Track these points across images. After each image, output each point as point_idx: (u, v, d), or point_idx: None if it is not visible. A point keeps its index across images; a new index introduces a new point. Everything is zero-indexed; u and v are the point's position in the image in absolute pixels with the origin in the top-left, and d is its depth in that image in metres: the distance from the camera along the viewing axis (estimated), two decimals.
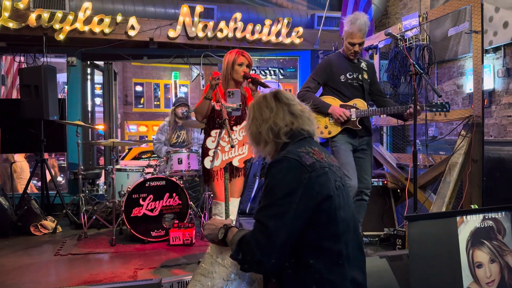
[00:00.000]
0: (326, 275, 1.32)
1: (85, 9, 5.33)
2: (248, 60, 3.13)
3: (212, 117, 3.15)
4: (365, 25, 3.20)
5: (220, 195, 3.16)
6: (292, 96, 1.56)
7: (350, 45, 3.24)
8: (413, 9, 6.08)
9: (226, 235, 1.49)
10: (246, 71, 3.09)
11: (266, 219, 1.33)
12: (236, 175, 3.22)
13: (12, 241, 4.25)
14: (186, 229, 3.97)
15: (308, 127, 1.51)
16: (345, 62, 3.33)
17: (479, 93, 3.40)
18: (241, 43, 6.00)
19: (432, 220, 2.05)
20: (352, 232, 1.42)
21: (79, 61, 6.03)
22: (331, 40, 6.04)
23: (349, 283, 1.35)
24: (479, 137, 3.39)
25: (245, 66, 3.11)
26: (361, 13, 3.31)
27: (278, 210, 1.32)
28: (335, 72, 3.31)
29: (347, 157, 3.23)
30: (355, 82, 3.32)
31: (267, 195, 1.37)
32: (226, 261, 1.66)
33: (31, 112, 4.91)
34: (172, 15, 5.83)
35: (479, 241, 2.05)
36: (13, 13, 5.14)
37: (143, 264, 3.41)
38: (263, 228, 1.32)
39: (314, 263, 1.33)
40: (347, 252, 1.37)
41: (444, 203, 3.36)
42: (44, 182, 5.25)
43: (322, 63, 3.44)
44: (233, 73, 3.11)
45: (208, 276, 1.66)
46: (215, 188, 3.17)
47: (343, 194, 1.42)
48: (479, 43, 3.38)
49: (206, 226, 1.63)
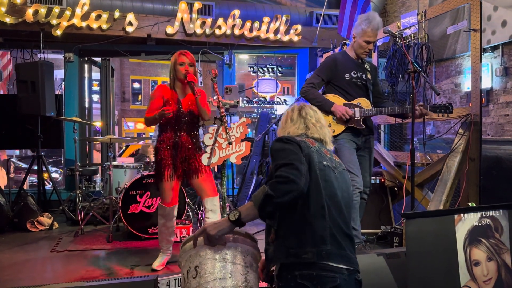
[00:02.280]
0: (309, 219, 1.61)
1: (82, 5, 5.30)
2: (189, 60, 3.11)
3: (167, 121, 3.15)
4: (381, 24, 3.25)
5: (168, 198, 3.16)
6: (312, 112, 1.91)
7: (365, 43, 3.24)
8: (411, 7, 6.08)
9: (240, 213, 1.56)
10: (187, 70, 3.06)
11: (284, 164, 1.59)
12: (199, 175, 3.16)
13: (8, 237, 4.24)
14: (183, 226, 3.96)
15: (317, 134, 1.86)
16: (350, 61, 3.34)
17: (477, 91, 3.40)
18: (239, 40, 5.98)
19: (430, 218, 2.05)
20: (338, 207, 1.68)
21: (76, 57, 6.00)
22: (329, 38, 6.03)
23: (329, 235, 1.60)
24: (477, 135, 3.40)
25: (187, 65, 3.08)
26: (374, 12, 3.35)
27: (291, 157, 1.62)
28: (340, 70, 3.30)
29: (351, 155, 3.24)
30: (359, 81, 3.33)
31: (276, 159, 1.65)
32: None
33: (27, 108, 4.88)
34: (170, 11, 5.80)
35: (477, 239, 2.05)
36: (10, 8, 5.11)
37: (139, 261, 3.40)
38: (288, 164, 1.58)
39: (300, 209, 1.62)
40: (330, 213, 1.63)
41: (442, 201, 3.36)
42: (40, 178, 5.23)
43: (327, 60, 3.43)
44: (176, 73, 3.10)
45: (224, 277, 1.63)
46: (164, 189, 3.14)
47: (328, 173, 1.70)
48: (477, 42, 3.38)
49: (210, 227, 1.60)
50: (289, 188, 1.53)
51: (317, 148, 1.75)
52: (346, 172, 1.83)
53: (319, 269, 1.57)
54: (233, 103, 4.22)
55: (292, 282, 1.58)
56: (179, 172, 3.13)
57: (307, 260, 1.57)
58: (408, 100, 4.45)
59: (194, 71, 3.14)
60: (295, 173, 1.55)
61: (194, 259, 1.65)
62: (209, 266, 1.62)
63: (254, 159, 5.84)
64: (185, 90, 3.18)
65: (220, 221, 1.62)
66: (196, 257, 1.66)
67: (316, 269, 1.57)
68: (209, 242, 1.61)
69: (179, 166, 3.12)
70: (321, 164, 1.68)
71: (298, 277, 1.57)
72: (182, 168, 3.13)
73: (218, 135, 2.87)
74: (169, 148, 3.12)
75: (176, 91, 3.15)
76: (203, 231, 1.61)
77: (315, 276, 1.56)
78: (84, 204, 4.71)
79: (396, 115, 3.45)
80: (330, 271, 1.57)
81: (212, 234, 1.59)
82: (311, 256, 1.57)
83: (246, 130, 2.97)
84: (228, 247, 1.66)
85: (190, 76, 3.04)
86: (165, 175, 3.10)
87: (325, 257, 1.58)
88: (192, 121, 3.19)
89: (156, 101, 3.12)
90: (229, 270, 1.63)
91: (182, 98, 3.17)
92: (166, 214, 3.20)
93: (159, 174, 3.14)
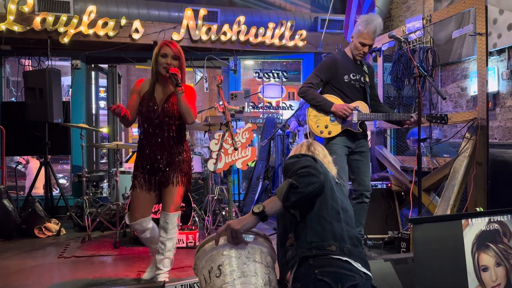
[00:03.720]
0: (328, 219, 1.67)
1: (89, 13, 5.36)
2: (174, 52, 2.66)
3: (139, 119, 2.76)
4: (380, 27, 3.17)
5: (135, 212, 2.76)
6: (320, 149, 1.99)
7: (360, 45, 3.16)
8: (416, 11, 6.07)
9: (264, 207, 1.57)
10: (169, 63, 2.65)
11: (304, 164, 1.63)
12: (168, 185, 2.75)
13: (16, 244, 4.27)
14: (189, 232, 3.96)
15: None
16: (349, 63, 3.28)
17: (484, 95, 3.38)
18: (244, 46, 6.01)
19: (437, 223, 2.04)
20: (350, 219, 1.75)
21: (83, 64, 6.06)
22: (334, 42, 6.04)
23: (347, 236, 1.66)
24: (484, 139, 3.37)
25: (170, 58, 2.66)
26: (376, 15, 3.25)
27: (308, 163, 1.64)
28: (339, 71, 3.23)
29: (342, 161, 3.16)
30: (357, 84, 3.26)
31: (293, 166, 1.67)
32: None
33: (35, 115, 4.93)
34: (176, 18, 5.85)
35: (485, 244, 2.03)
36: (18, 16, 5.18)
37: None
38: (306, 166, 1.62)
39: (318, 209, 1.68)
40: (345, 220, 1.71)
41: (449, 206, 3.33)
42: (48, 184, 5.27)
43: (326, 60, 3.34)
44: (157, 66, 2.68)
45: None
46: (133, 198, 2.78)
47: (340, 189, 1.81)
48: (483, 45, 3.37)
49: (234, 223, 1.60)
50: (311, 180, 1.58)
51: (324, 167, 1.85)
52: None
53: (340, 267, 1.58)
54: (238, 109, 4.24)
55: (311, 280, 1.57)
56: (152, 183, 2.75)
57: (331, 252, 1.59)
58: (414, 105, 4.44)
59: (179, 65, 2.69)
60: (314, 171, 1.61)
61: (217, 258, 1.63)
62: (233, 264, 1.60)
63: (260, 164, 5.84)
64: (166, 86, 2.75)
65: (243, 217, 1.62)
66: (218, 256, 1.63)
67: (336, 266, 1.58)
68: (232, 239, 1.59)
69: (153, 176, 2.75)
70: (334, 179, 1.80)
71: (318, 273, 1.56)
72: (156, 178, 2.75)
73: (224, 141, 2.88)
74: (143, 156, 2.76)
75: (156, 87, 2.74)
76: (227, 228, 1.59)
77: (335, 273, 1.56)
78: (91, 210, 4.73)
79: (392, 121, 3.42)
80: (350, 270, 1.58)
81: (236, 228, 1.57)
82: (334, 249, 1.60)
83: (251, 136, 2.98)
84: (251, 246, 1.64)
85: (173, 68, 2.62)
86: (135, 185, 2.74)
87: (347, 253, 1.61)
88: (169, 122, 2.72)
89: (132, 99, 2.76)
90: (253, 269, 1.60)
91: (163, 95, 2.74)
92: (141, 229, 2.79)
93: (132, 183, 2.79)
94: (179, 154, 2.79)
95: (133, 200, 2.80)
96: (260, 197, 5.62)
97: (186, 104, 2.64)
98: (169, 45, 2.67)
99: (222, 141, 2.91)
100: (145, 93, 2.72)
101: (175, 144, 2.77)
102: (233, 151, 2.89)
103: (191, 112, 2.67)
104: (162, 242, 2.76)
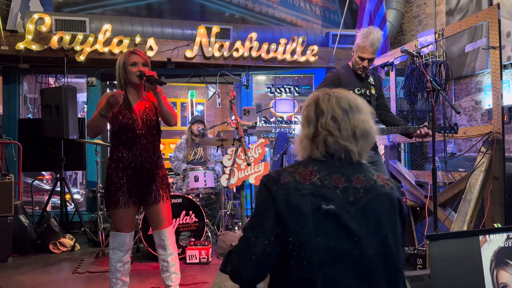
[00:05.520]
0: None
1: (105, 31, 5.48)
2: (142, 58, 2.62)
3: (117, 131, 2.60)
4: (378, 40, 3.08)
5: (122, 226, 2.60)
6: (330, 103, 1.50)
7: (359, 59, 3.11)
8: (428, 25, 6.07)
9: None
10: (142, 70, 2.58)
11: (246, 230, 1.34)
12: (155, 203, 2.65)
13: (31, 259, 4.31)
14: (202, 247, 3.96)
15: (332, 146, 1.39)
16: (353, 77, 3.21)
17: (499, 109, 3.35)
18: (256, 61, 6.07)
19: (454, 239, 2.00)
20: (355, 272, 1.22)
21: (98, 81, 6.17)
22: (346, 57, 6.06)
23: None
24: (500, 154, 3.32)
25: (140, 65, 2.59)
26: (376, 28, 3.19)
27: (255, 222, 1.32)
28: (343, 87, 3.17)
29: None
30: (363, 97, 3.23)
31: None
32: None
33: (51, 132, 5.02)
34: (189, 36, 5.94)
35: (504, 261, 1.99)
36: (36, 35, 5.33)
37: (159, 282, 3.39)
38: (243, 238, 1.34)
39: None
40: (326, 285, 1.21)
41: (465, 222, 3.27)
42: (63, 200, 5.33)
43: (330, 76, 3.30)
44: (128, 76, 2.59)
45: None
46: (117, 216, 2.60)
47: (330, 222, 1.24)
48: (497, 59, 3.35)
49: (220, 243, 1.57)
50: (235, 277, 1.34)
51: (318, 183, 1.28)
52: (383, 197, 1.30)
53: None
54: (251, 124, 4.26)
55: None
56: (135, 198, 2.61)
57: None
58: (428, 118, 4.40)
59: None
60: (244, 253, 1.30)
61: None
62: None
63: None
64: (138, 96, 2.65)
65: (226, 245, 1.55)
66: None
67: None
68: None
69: (134, 190, 2.61)
70: (314, 219, 1.23)
71: None
72: (139, 192, 2.62)
73: (237, 156, 2.89)
74: (122, 169, 2.59)
75: (130, 97, 2.61)
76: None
77: None
78: (105, 225, 4.76)
79: (401, 134, 3.36)
80: None
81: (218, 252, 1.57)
82: None
83: (264, 151, 2.98)
84: None
85: (149, 71, 2.57)
86: (119, 202, 2.56)
87: None
88: (149, 133, 2.63)
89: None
90: None
91: (139, 106, 2.62)
92: (121, 243, 2.60)
93: (109, 199, 2.59)
94: (161, 167, 2.72)
95: (121, 219, 2.60)
96: None
97: (168, 105, 2.60)
98: (136, 53, 2.62)
99: (235, 156, 2.92)
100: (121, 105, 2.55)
101: (158, 157, 2.70)
102: (246, 166, 2.89)
103: (172, 113, 2.62)
104: (163, 260, 2.73)
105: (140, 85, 2.62)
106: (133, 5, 6.45)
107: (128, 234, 2.63)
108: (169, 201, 2.74)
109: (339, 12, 7.23)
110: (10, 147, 5.66)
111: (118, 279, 2.62)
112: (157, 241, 2.70)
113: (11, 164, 5.54)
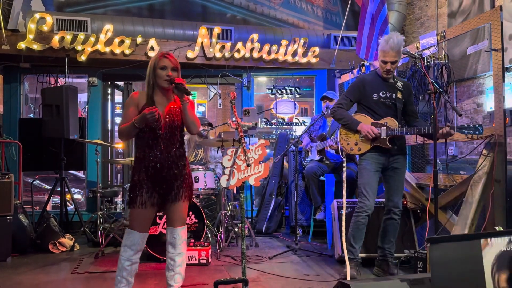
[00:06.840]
0: None
1: (106, 31, 5.48)
2: (173, 63, 2.66)
3: (141, 131, 2.67)
4: (398, 44, 3.26)
5: (137, 225, 2.65)
6: None
7: (382, 63, 3.33)
8: (430, 28, 6.06)
9: None
10: (171, 75, 2.65)
11: None
12: (176, 201, 2.71)
13: (30, 258, 4.30)
14: (202, 248, 3.94)
15: None
16: (379, 81, 3.42)
17: (501, 111, 3.33)
18: (257, 63, 6.06)
19: (455, 242, 1.99)
20: None
21: (99, 81, 6.17)
22: (347, 59, 6.05)
23: None
24: (502, 156, 3.31)
25: (169, 70, 2.65)
26: (396, 33, 3.38)
27: None
28: (368, 91, 3.40)
29: (370, 177, 3.31)
30: (388, 101, 3.39)
31: None
32: None
33: (52, 131, 5.01)
34: (190, 36, 5.94)
35: (505, 265, 1.97)
36: (38, 35, 5.33)
37: (159, 283, 3.39)
38: None
39: None
40: None
41: (467, 225, 3.26)
42: (63, 200, 5.32)
43: (356, 82, 3.55)
44: (156, 79, 2.66)
45: None
46: (132, 215, 2.66)
47: None
48: (499, 61, 3.34)
49: None
50: None
51: None
52: None
53: None
54: (251, 125, 4.25)
55: None
56: (153, 198, 2.66)
57: None
58: (430, 121, 4.38)
59: (178, 76, 2.69)
60: None
61: None
62: None
63: (273, 180, 5.81)
64: (166, 100, 2.73)
65: None
66: None
67: None
68: None
69: (155, 191, 2.66)
70: None
71: None
72: (159, 192, 2.67)
73: (237, 157, 2.87)
74: (144, 170, 2.65)
75: (154, 100, 2.67)
76: None
77: None
78: (105, 225, 4.75)
79: (424, 135, 3.46)
80: None
81: None
82: None
83: (264, 152, 2.96)
84: None
85: (178, 79, 2.64)
86: (136, 202, 2.63)
87: None
88: (173, 135, 2.70)
89: (131, 112, 2.67)
90: None
91: (163, 108, 2.69)
92: (133, 242, 2.64)
93: (130, 198, 2.67)
94: (184, 167, 2.76)
95: (136, 218, 2.65)
96: (273, 214, 5.57)
97: (192, 114, 2.69)
98: (167, 57, 2.67)
99: (235, 157, 2.90)
100: (144, 106, 2.64)
101: (181, 156, 2.75)
102: (245, 167, 2.87)
103: (196, 122, 2.70)
104: (171, 258, 2.75)
105: (167, 88, 2.69)
106: (135, 5, 6.45)
107: (141, 235, 2.66)
108: (187, 202, 2.77)
109: (341, 13, 7.22)
110: (10, 146, 5.66)
111: (123, 278, 2.66)
112: (169, 238, 2.74)
113: (11, 163, 5.54)
